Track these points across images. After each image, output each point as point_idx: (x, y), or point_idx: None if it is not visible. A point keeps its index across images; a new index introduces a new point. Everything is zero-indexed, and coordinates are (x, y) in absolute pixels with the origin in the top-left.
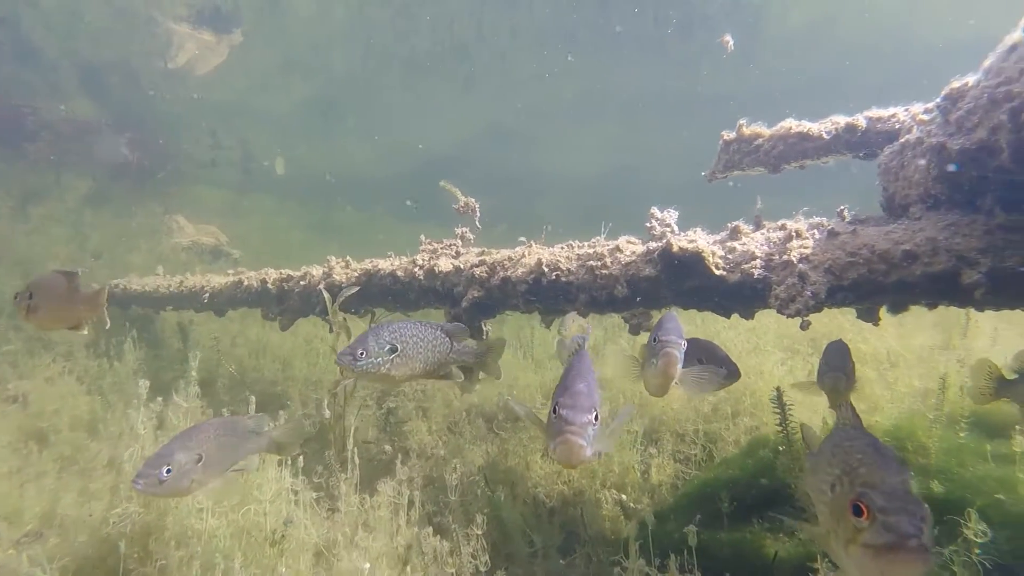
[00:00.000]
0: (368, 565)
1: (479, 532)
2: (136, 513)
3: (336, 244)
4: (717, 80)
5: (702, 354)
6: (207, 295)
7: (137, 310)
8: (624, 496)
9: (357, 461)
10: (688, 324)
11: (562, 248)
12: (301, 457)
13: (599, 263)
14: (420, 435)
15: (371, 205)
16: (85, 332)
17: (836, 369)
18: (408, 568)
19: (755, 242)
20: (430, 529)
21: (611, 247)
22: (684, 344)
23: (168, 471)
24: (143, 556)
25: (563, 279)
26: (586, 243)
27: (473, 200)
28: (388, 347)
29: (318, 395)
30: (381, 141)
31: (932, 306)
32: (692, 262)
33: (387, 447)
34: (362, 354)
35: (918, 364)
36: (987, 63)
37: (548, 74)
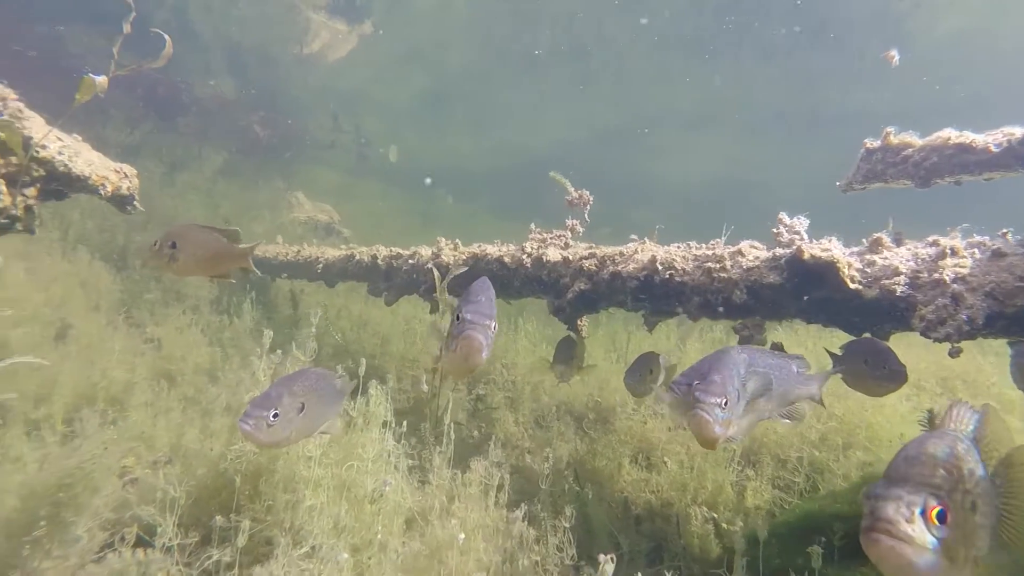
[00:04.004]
0: (463, 536)
1: (567, 525)
2: (251, 453)
3: (436, 234)
4: (847, 96)
5: (868, 355)
6: (321, 265)
7: (255, 275)
8: (716, 515)
9: (452, 436)
10: (798, 348)
11: (678, 247)
12: (404, 423)
13: (718, 265)
14: (506, 425)
15: (472, 199)
16: (233, 280)
17: None
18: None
19: (899, 257)
20: (519, 513)
21: (732, 250)
22: (494, 325)
23: (276, 415)
24: (253, 494)
25: (677, 279)
26: (704, 244)
27: (587, 192)
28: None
29: (414, 372)
30: (486, 137)
31: None
32: (824, 272)
33: (475, 432)
34: (275, 416)
35: None
36: None
37: (687, 79)
